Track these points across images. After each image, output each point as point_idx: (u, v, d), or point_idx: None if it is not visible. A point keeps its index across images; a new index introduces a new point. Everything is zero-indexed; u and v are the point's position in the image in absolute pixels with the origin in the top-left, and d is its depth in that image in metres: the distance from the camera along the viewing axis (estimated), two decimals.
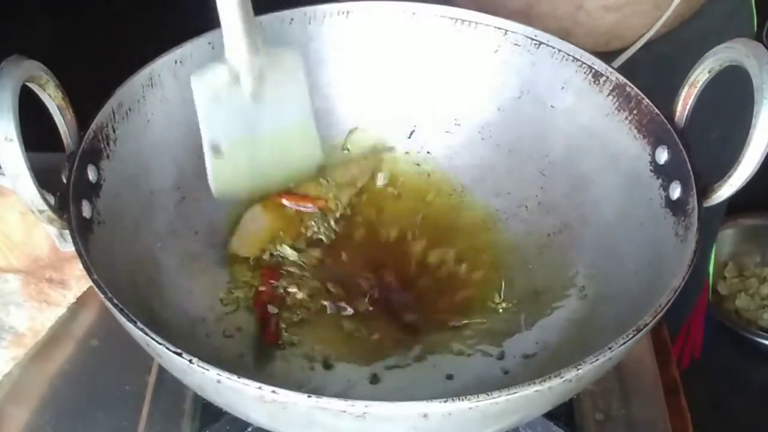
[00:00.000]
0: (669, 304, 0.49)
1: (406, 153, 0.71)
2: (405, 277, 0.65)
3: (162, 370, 0.65)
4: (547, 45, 0.66)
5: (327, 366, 0.59)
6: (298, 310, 0.62)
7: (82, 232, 0.52)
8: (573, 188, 0.66)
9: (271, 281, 0.63)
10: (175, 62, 0.63)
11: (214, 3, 0.59)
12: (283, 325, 0.61)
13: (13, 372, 0.68)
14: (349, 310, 0.62)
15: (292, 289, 0.63)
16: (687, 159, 0.57)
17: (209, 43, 0.64)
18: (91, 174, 0.56)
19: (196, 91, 0.61)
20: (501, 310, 0.63)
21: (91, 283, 0.49)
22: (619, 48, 0.81)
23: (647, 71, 0.60)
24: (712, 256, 1.22)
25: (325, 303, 0.62)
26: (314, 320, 0.62)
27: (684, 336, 1.21)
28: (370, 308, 0.62)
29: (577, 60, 0.65)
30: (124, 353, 0.67)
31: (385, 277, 0.64)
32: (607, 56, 0.65)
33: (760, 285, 1.53)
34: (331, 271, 0.65)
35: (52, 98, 0.54)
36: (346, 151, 0.71)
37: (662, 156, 0.59)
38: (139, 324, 0.47)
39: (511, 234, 0.68)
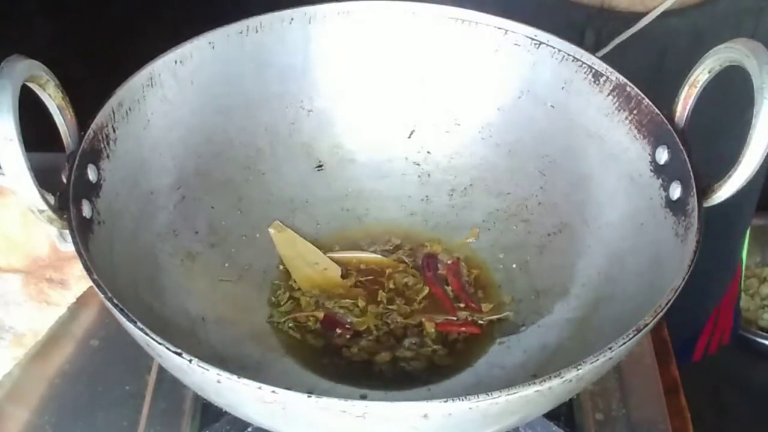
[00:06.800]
0: (669, 304, 0.49)
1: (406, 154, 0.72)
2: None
3: (162, 370, 0.65)
4: (547, 45, 0.66)
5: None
6: None
7: (82, 232, 0.52)
8: (573, 188, 0.66)
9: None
10: (175, 62, 0.63)
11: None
12: None
13: (13, 372, 0.68)
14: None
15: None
16: (687, 159, 0.57)
17: (209, 43, 0.64)
18: (91, 174, 0.56)
19: None
20: (501, 310, 0.63)
21: (91, 283, 0.49)
22: (656, 7, 0.78)
23: (681, 41, 0.58)
24: (746, 242, 1.18)
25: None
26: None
27: (713, 322, 1.20)
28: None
29: (577, 60, 0.65)
30: (124, 353, 0.67)
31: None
32: (641, 16, 0.63)
33: (760, 285, 1.53)
34: None
35: (52, 98, 0.54)
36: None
37: (662, 156, 0.59)
38: (139, 324, 0.47)
39: (511, 234, 0.68)
